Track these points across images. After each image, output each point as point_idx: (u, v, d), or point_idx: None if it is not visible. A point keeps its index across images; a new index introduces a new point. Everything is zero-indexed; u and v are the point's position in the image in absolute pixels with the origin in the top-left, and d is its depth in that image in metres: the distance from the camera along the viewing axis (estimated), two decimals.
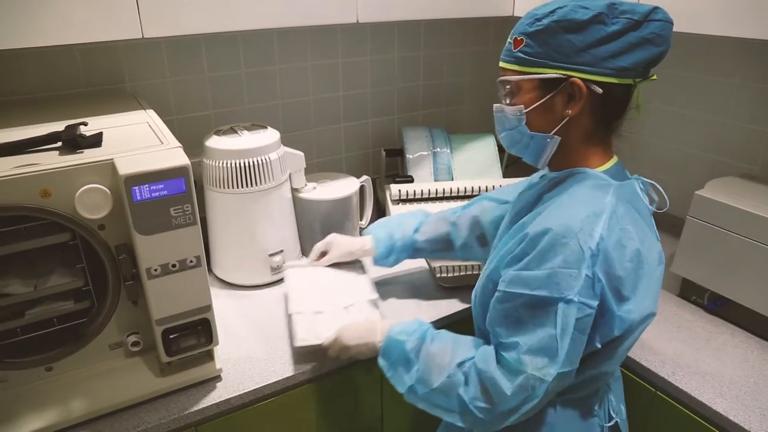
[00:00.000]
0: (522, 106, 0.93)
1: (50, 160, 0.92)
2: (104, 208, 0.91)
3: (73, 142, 0.97)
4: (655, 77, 0.94)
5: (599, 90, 0.88)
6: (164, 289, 0.96)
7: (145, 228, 0.90)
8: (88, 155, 0.93)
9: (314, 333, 1.15)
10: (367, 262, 1.42)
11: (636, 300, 0.87)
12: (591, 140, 0.95)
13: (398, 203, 1.66)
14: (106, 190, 0.90)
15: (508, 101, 0.96)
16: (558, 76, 0.89)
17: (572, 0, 0.89)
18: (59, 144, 0.98)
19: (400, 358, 1.00)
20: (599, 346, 0.88)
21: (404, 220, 1.37)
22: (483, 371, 0.89)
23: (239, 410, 1.11)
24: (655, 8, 0.88)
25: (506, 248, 0.94)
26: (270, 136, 1.36)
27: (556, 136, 0.93)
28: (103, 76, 1.46)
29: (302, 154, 1.45)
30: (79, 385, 1.03)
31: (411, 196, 1.66)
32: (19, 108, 1.32)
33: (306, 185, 1.50)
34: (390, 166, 1.86)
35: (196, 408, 1.05)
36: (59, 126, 1.02)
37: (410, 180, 1.72)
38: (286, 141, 1.43)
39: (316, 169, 1.80)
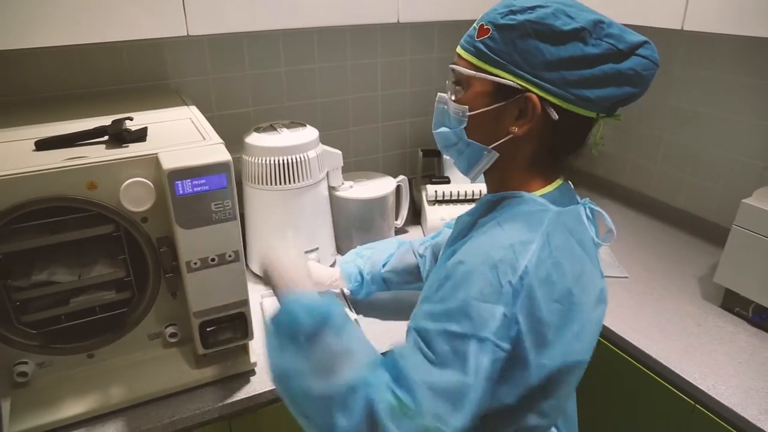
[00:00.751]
0: (467, 107, 0.81)
1: (97, 153, 0.94)
2: (147, 202, 0.93)
3: (119, 136, 0.99)
4: (620, 117, 0.82)
5: (555, 115, 0.77)
6: (203, 282, 0.98)
7: (187, 222, 0.92)
8: (133, 149, 0.95)
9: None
10: None
11: (560, 345, 0.71)
12: (533, 166, 0.83)
13: (434, 204, 1.66)
14: (150, 183, 0.92)
15: (453, 94, 0.84)
16: (515, 85, 0.77)
17: (558, 1, 0.77)
18: (106, 138, 1.01)
19: (289, 332, 0.77)
20: (513, 401, 0.70)
21: (379, 249, 1.31)
22: (372, 405, 0.68)
23: (271, 405, 1.12)
24: (646, 42, 0.77)
25: (431, 279, 0.82)
26: (309, 134, 1.37)
27: (494, 152, 0.82)
28: (148, 72, 1.49)
29: (340, 152, 1.46)
30: (118, 373, 1.06)
31: (447, 198, 1.65)
32: (67, 103, 1.36)
33: (343, 184, 1.50)
34: (427, 167, 1.86)
35: (229, 401, 1.06)
36: (106, 120, 1.05)
37: (447, 181, 1.72)
38: (323, 139, 1.43)
39: (352, 168, 1.81)
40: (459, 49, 0.84)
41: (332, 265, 1.50)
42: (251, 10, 1.20)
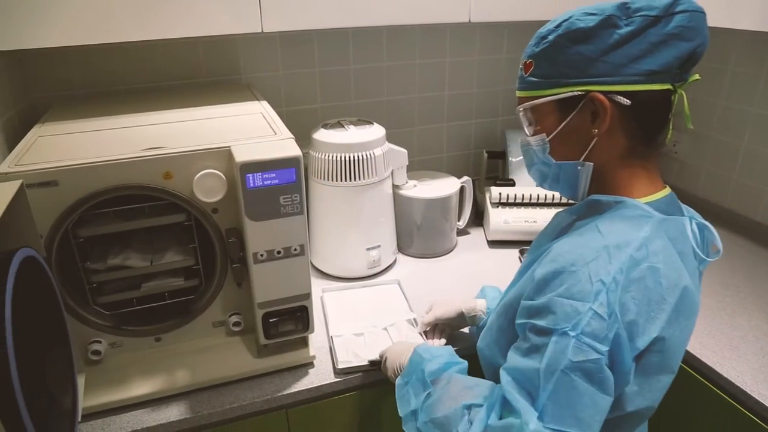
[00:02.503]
0: (543, 134, 0.84)
1: (174, 144, 0.97)
2: (219, 193, 0.96)
3: None
4: (697, 77, 0.81)
5: (626, 101, 0.77)
6: (268, 274, 1.00)
7: (256, 214, 0.94)
8: (208, 141, 0.98)
9: (354, 353, 1.15)
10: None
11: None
12: (630, 162, 0.82)
13: (498, 206, 1.63)
14: (222, 175, 0.95)
15: (528, 132, 0.87)
16: (575, 93, 0.79)
17: (578, 9, 0.80)
18: None
19: (417, 377, 0.92)
20: (628, 409, 0.75)
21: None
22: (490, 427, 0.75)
23: (328, 398, 1.13)
24: None
25: (523, 278, 0.86)
26: (376, 131, 1.38)
27: (587, 163, 0.82)
28: (222, 67, 1.53)
29: (405, 151, 1.46)
30: (183, 358, 1.09)
31: (511, 201, 1.62)
32: (148, 94, 1.42)
33: (407, 182, 1.50)
34: (491, 169, 1.83)
35: (288, 391, 1.08)
36: (185, 113, 1.08)
37: (512, 183, 1.69)
38: (388, 137, 1.44)
39: (416, 167, 1.81)
40: (518, 93, 0.88)
41: (392, 265, 1.50)
42: (324, 9, 1.22)
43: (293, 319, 1.06)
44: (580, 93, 0.79)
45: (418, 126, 1.82)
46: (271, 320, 1.05)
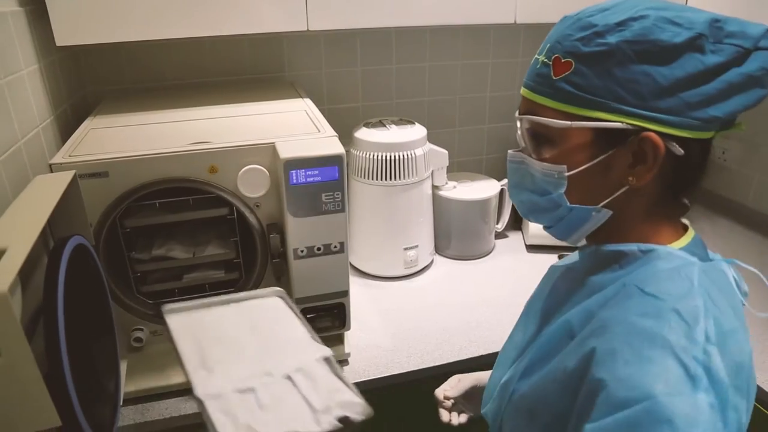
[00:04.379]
0: (564, 167, 0.63)
1: (220, 139, 0.99)
2: (262, 188, 0.97)
3: None
4: (743, 127, 0.65)
5: (679, 151, 0.59)
6: (307, 270, 1.01)
7: (297, 210, 0.95)
8: (253, 137, 0.99)
9: (248, 427, 0.65)
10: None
11: None
12: (654, 212, 0.66)
13: None
14: (266, 171, 0.96)
15: (536, 152, 0.66)
16: (624, 126, 0.59)
17: (646, 6, 0.60)
18: None
19: None
20: None
21: None
22: None
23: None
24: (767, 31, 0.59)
25: (544, 379, 0.67)
26: (417, 131, 1.38)
27: (605, 210, 0.65)
28: (266, 64, 1.55)
29: (446, 152, 1.45)
30: None
31: None
32: (195, 90, 1.46)
33: (446, 183, 1.50)
34: None
35: None
36: (231, 109, 1.10)
37: None
38: (429, 138, 1.43)
39: (455, 168, 1.80)
40: (529, 93, 0.66)
41: (429, 265, 1.50)
42: (370, 8, 1.22)
43: (330, 316, 1.07)
44: (630, 127, 0.59)
45: (459, 127, 1.81)
46: (308, 316, 1.06)
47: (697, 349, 0.54)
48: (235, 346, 0.78)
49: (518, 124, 0.68)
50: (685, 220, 0.70)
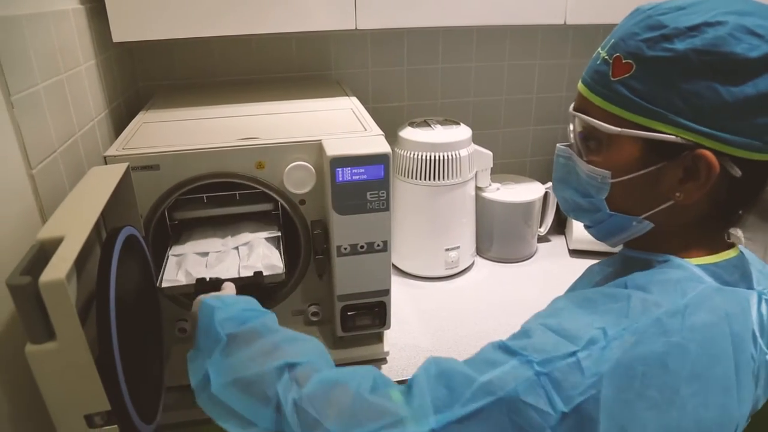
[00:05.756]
0: (608, 173, 0.61)
1: (267, 136, 1.00)
2: (308, 185, 0.98)
3: None
4: None
5: (737, 172, 0.55)
6: (350, 267, 1.01)
7: (342, 208, 0.95)
8: (300, 134, 1.00)
9: (186, 272, 0.92)
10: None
11: None
12: (697, 230, 0.62)
13: None
14: (312, 168, 0.97)
15: (584, 152, 0.64)
16: (679, 140, 0.55)
17: (727, 9, 0.54)
18: None
19: (207, 332, 0.71)
20: None
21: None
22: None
23: None
24: None
25: None
26: (462, 132, 1.37)
27: (646, 222, 0.62)
28: (313, 62, 1.57)
29: (491, 153, 1.44)
30: None
31: None
32: (243, 86, 1.48)
33: (490, 185, 1.48)
34: None
35: None
36: (279, 105, 1.11)
37: None
38: (473, 138, 1.42)
39: (498, 170, 1.78)
40: (585, 90, 0.63)
41: (470, 267, 1.49)
42: (419, 7, 1.22)
43: (371, 314, 1.07)
44: (685, 142, 0.55)
45: (504, 128, 1.79)
46: (349, 313, 1.06)
47: (613, 328, 0.53)
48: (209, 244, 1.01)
49: (571, 119, 0.66)
50: (740, 240, 0.66)
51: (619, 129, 0.58)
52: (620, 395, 0.51)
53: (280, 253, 0.98)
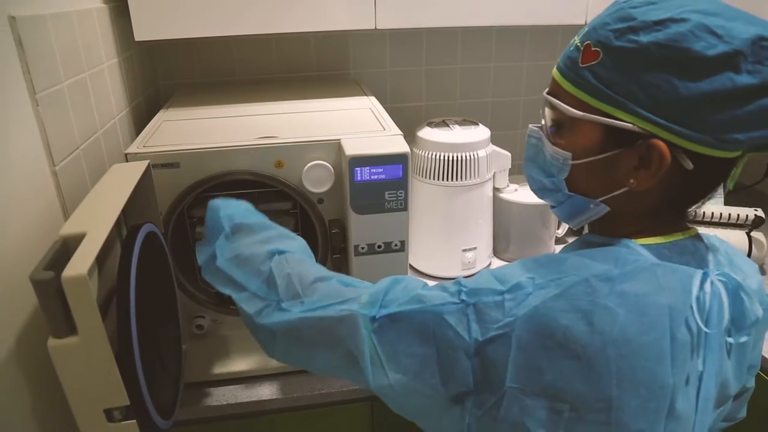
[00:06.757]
0: (569, 154, 0.65)
1: (286, 135, 1.01)
2: (326, 184, 0.98)
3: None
4: None
5: (689, 165, 0.58)
6: (367, 267, 1.01)
7: (360, 207, 0.95)
8: (318, 133, 1.01)
9: None
10: None
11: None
12: (651, 216, 0.66)
13: None
14: (331, 167, 0.97)
15: (551, 134, 0.67)
16: (635, 128, 0.58)
17: (693, 8, 0.56)
18: None
19: (214, 225, 0.84)
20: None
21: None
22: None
23: None
24: None
25: None
26: (480, 132, 1.36)
27: (602, 205, 0.66)
28: (331, 62, 1.57)
29: (509, 154, 1.43)
30: None
31: None
32: (264, 85, 1.49)
33: (508, 186, 1.48)
34: None
35: None
36: (299, 104, 1.11)
37: None
38: (492, 139, 1.41)
39: (516, 171, 1.76)
40: (557, 75, 0.65)
41: (487, 267, 1.48)
42: (438, 7, 1.22)
43: None
44: (640, 131, 0.58)
45: (522, 129, 1.78)
46: None
47: (542, 279, 0.59)
48: None
49: (544, 102, 0.69)
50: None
51: (581, 113, 0.62)
52: (539, 340, 0.56)
53: None
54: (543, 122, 0.70)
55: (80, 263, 0.58)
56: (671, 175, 0.60)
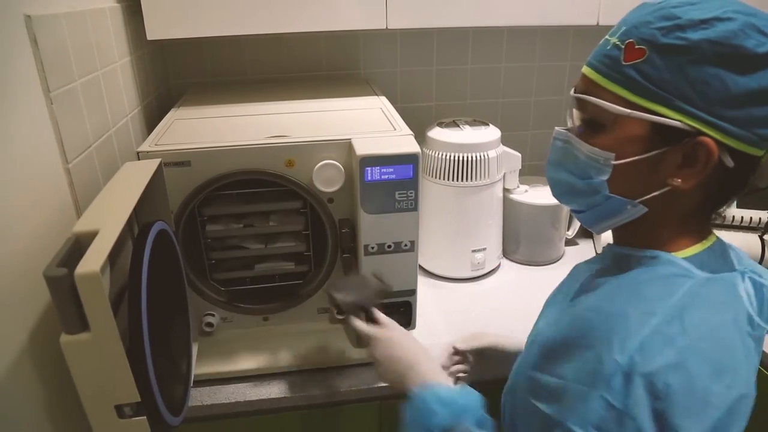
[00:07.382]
0: (612, 154, 0.62)
1: (297, 134, 1.01)
2: (337, 183, 0.98)
3: None
4: None
5: (730, 162, 0.59)
6: (377, 266, 1.01)
7: (371, 207, 0.96)
8: (329, 133, 1.01)
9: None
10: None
11: None
12: (689, 220, 0.65)
13: None
14: (341, 166, 0.97)
15: (586, 134, 0.65)
16: (683, 126, 0.58)
17: (734, 8, 0.57)
18: None
19: (424, 424, 0.74)
20: None
21: None
22: None
23: None
24: None
25: (537, 335, 0.73)
26: (491, 133, 1.36)
27: (641, 206, 0.64)
28: (342, 62, 1.57)
29: (519, 155, 1.43)
30: (287, 339, 1.13)
31: None
32: (274, 84, 1.49)
33: (518, 187, 1.47)
34: None
35: (384, 384, 1.09)
36: (309, 104, 1.12)
37: None
38: (502, 140, 1.41)
39: (527, 172, 1.76)
40: (592, 73, 0.64)
41: (496, 269, 1.48)
42: (450, 7, 1.21)
43: (396, 314, 1.06)
44: (689, 128, 0.58)
45: (533, 130, 1.78)
46: None
47: (622, 355, 0.54)
48: None
49: (572, 102, 0.67)
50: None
51: (629, 110, 0.60)
52: (661, 414, 0.53)
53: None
54: (570, 123, 0.69)
55: (93, 260, 0.59)
56: (710, 175, 0.60)
